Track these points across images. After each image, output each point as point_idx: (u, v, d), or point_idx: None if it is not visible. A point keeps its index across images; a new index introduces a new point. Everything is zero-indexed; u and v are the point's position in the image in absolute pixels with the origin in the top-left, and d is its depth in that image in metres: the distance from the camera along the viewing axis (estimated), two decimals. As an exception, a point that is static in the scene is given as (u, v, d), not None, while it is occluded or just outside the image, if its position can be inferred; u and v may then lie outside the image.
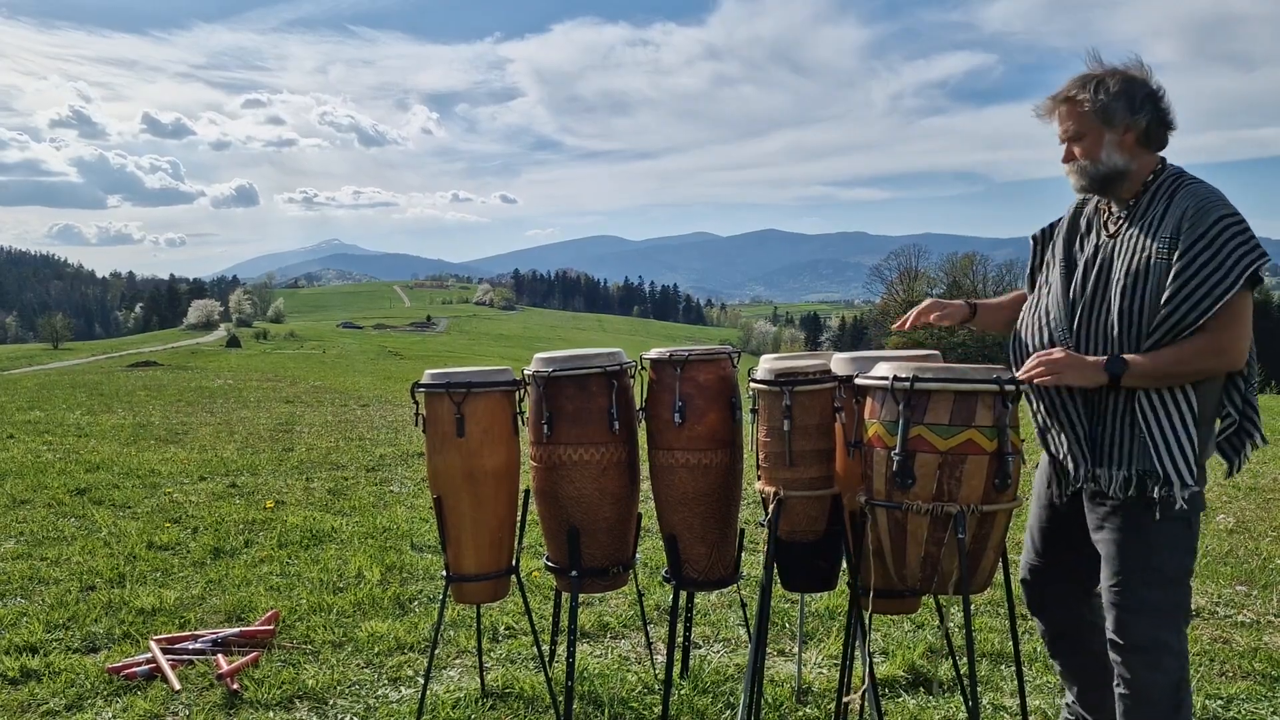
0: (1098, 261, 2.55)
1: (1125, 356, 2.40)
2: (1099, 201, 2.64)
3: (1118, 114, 2.45)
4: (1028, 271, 2.85)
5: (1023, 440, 2.55)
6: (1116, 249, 2.51)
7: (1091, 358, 2.44)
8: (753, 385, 2.98)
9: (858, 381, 2.61)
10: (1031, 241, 2.85)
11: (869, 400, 2.56)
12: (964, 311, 2.90)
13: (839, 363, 2.88)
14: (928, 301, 2.93)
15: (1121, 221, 2.53)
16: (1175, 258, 2.36)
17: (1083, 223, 2.67)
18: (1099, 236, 2.59)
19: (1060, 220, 2.76)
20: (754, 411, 2.99)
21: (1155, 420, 2.42)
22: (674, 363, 3.10)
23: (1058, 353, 2.45)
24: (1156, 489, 2.41)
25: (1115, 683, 2.54)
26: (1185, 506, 2.42)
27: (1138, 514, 2.44)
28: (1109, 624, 2.52)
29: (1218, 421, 2.51)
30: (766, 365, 2.96)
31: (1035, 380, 2.44)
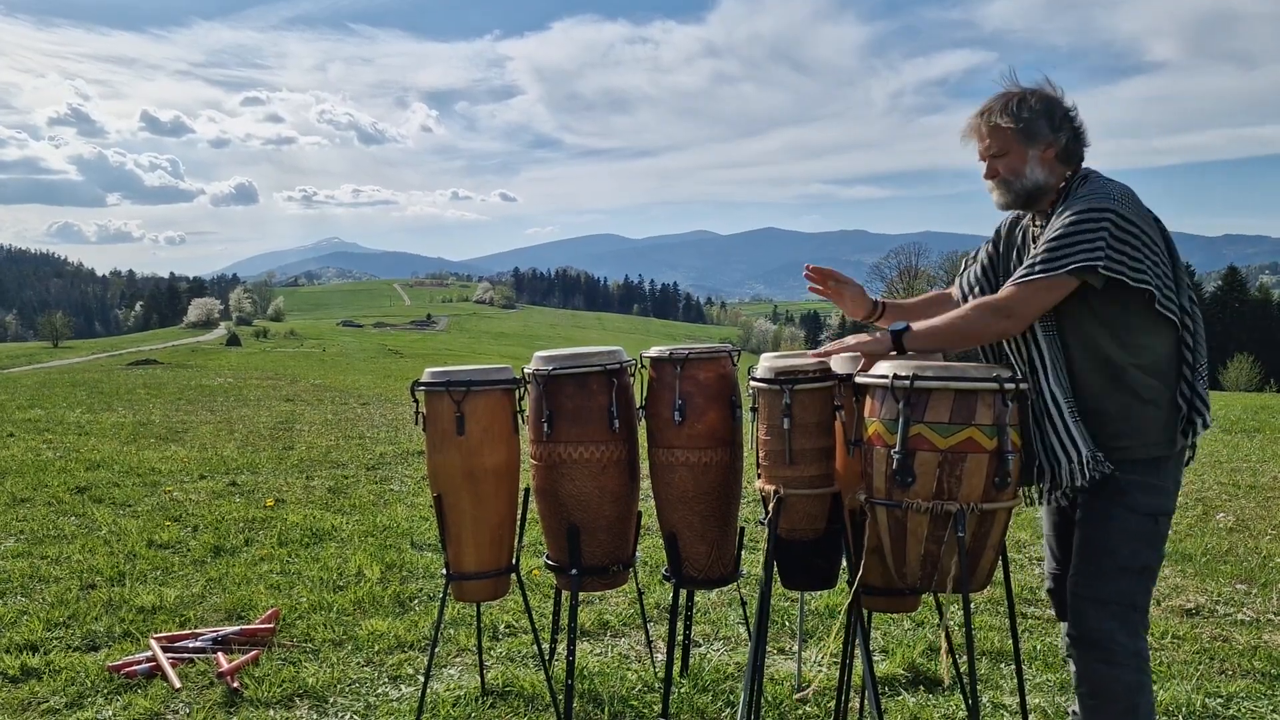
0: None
1: (912, 324, 2.58)
2: (1025, 219, 2.74)
3: (1040, 132, 2.55)
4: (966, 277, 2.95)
5: (1023, 440, 2.55)
6: None
7: (878, 334, 2.58)
8: (752, 383, 2.98)
9: (858, 380, 2.61)
10: (963, 262, 2.99)
11: (869, 398, 2.56)
12: (864, 305, 2.90)
13: (839, 361, 2.87)
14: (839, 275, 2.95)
15: (1041, 229, 2.64)
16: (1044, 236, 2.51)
17: (1017, 237, 2.77)
18: (1030, 248, 2.69)
19: (991, 239, 2.88)
20: (754, 410, 2.99)
21: (1046, 411, 2.54)
22: (674, 361, 3.10)
23: (850, 338, 2.61)
24: (1046, 476, 2.54)
25: (1075, 683, 2.59)
26: (1083, 482, 2.48)
27: (1104, 504, 2.51)
28: (1068, 614, 2.60)
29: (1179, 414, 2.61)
30: (766, 363, 2.96)
31: (829, 352, 2.57)
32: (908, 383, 2.40)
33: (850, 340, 2.59)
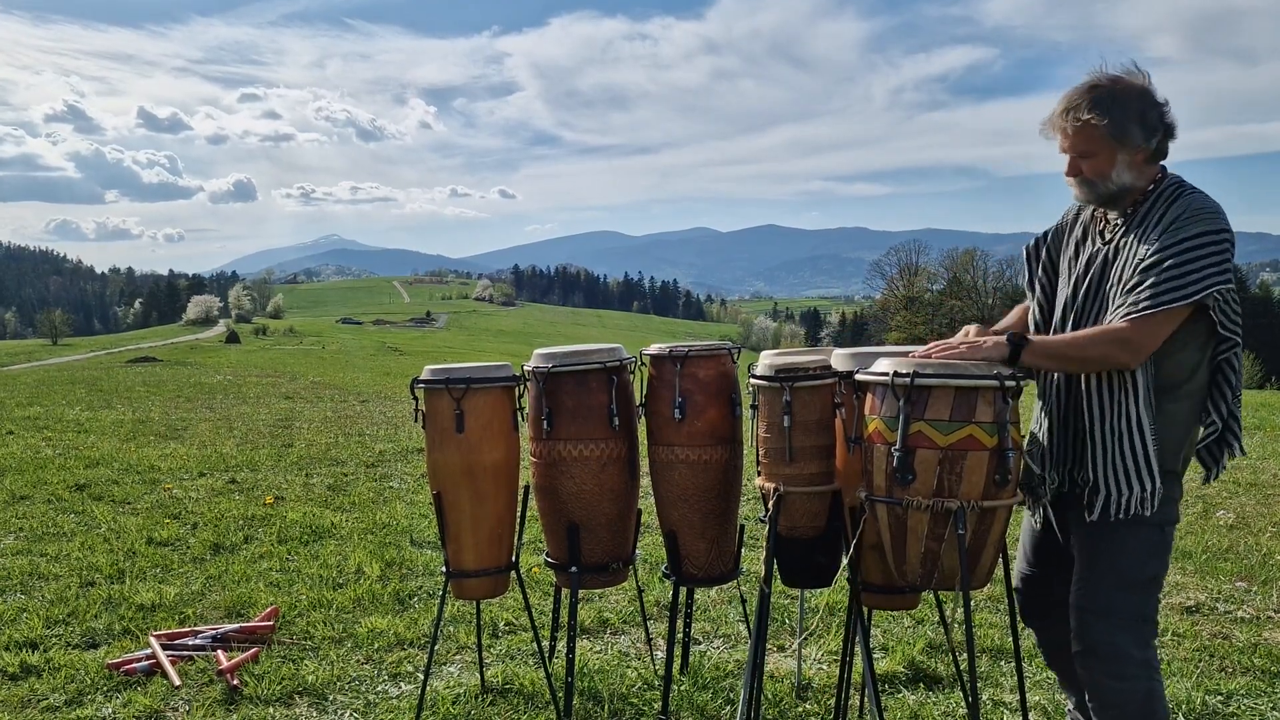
0: (1091, 269, 2.51)
1: (1030, 336, 2.44)
2: (1095, 210, 2.58)
3: (1134, 136, 2.35)
4: (1026, 282, 2.78)
5: (1024, 437, 2.55)
6: (1112, 256, 2.46)
7: (994, 338, 2.47)
8: (753, 381, 2.98)
9: (858, 377, 2.60)
10: (1025, 253, 2.77)
11: (869, 396, 2.55)
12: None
13: (839, 358, 2.87)
14: (970, 330, 2.66)
15: (1119, 229, 2.47)
16: (1149, 253, 2.32)
17: (1078, 230, 2.62)
18: (1094, 244, 2.54)
19: (1051, 230, 2.71)
20: (754, 407, 2.98)
21: (1101, 428, 2.41)
22: (674, 359, 3.10)
23: (956, 339, 2.51)
24: (1100, 498, 2.40)
25: (1086, 694, 2.53)
26: (1150, 512, 2.37)
27: (1106, 516, 2.42)
28: (1072, 627, 2.49)
29: (1200, 429, 2.47)
30: (767, 361, 2.96)
31: (934, 356, 2.44)
32: (908, 380, 2.40)
33: (964, 344, 2.43)
